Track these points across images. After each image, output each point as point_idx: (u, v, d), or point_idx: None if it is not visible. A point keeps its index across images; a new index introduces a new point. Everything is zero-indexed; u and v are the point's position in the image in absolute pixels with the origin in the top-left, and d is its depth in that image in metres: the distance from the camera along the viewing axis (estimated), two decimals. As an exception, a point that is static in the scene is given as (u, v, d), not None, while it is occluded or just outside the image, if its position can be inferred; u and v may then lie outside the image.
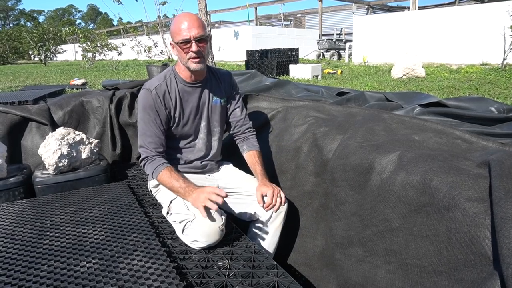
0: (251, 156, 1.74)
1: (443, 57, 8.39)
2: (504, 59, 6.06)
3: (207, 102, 1.69)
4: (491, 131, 1.48)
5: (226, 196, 1.36)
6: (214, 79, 1.72)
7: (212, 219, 1.40)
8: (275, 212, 1.62)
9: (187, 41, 1.47)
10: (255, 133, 1.84)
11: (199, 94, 1.66)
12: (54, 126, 2.41)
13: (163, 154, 1.59)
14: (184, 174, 1.66)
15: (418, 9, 11.25)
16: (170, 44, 1.56)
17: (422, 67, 5.43)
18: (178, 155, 1.72)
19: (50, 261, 1.28)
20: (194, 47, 1.48)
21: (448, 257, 1.05)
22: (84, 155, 2.06)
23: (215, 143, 1.77)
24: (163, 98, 1.58)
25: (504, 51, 6.06)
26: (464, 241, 1.00)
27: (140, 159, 1.61)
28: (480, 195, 1.03)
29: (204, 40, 1.50)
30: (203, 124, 1.71)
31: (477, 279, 0.95)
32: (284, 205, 1.69)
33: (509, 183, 0.97)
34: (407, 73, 5.28)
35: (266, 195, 1.54)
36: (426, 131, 1.49)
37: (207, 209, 1.46)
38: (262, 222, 1.69)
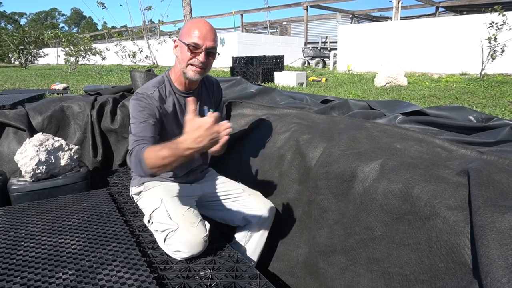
0: None
1: (424, 66, 8.60)
2: (482, 69, 6.25)
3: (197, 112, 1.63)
4: (470, 139, 1.51)
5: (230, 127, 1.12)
6: (205, 89, 1.66)
7: (197, 229, 1.36)
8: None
9: (197, 47, 1.40)
10: None
11: None
12: (32, 131, 2.34)
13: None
14: (167, 183, 1.63)
15: (401, 19, 11.53)
16: (174, 41, 1.47)
17: (404, 76, 5.54)
18: None
19: (23, 272, 1.23)
20: (201, 57, 1.41)
21: (429, 266, 1.05)
22: (63, 162, 2.01)
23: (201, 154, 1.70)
24: (158, 103, 1.47)
25: (482, 61, 6.25)
26: (444, 250, 1.01)
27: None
28: (459, 204, 1.04)
29: (213, 53, 1.45)
30: None
31: (457, 288, 0.95)
32: (271, 212, 1.69)
33: (487, 191, 0.99)
34: (390, 82, 5.38)
35: None
36: (407, 140, 1.50)
37: (192, 218, 1.43)
38: (247, 229, 1.68)
